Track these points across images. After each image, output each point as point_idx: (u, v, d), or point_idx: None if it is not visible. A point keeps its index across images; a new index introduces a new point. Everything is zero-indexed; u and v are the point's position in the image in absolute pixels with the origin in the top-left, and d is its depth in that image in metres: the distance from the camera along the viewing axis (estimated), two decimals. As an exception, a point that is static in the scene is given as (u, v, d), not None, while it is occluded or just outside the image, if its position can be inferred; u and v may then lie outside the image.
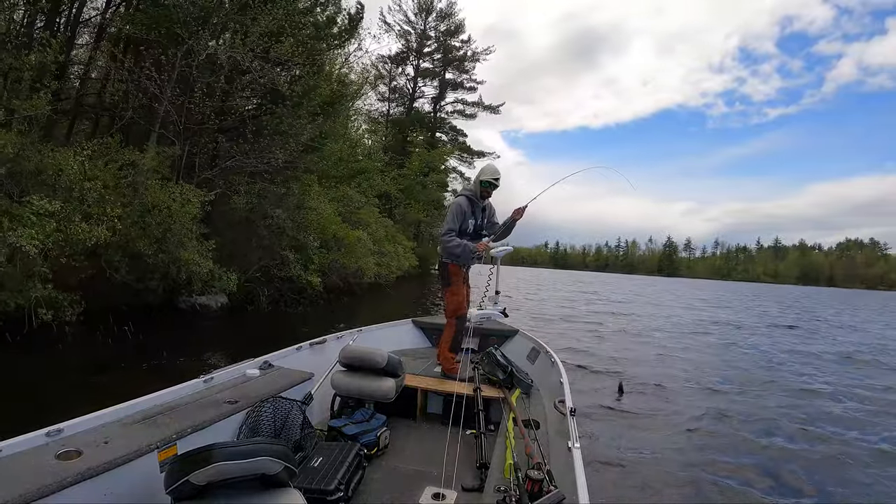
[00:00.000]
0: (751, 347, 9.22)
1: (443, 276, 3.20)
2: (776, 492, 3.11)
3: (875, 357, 8.72)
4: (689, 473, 3.28)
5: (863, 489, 3.19)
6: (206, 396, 2.05)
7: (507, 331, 3.95)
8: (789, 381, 6.30)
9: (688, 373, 6.51)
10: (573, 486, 1.49)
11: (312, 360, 2.83)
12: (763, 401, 5.25)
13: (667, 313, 15.92)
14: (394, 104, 29.95)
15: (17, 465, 1.33)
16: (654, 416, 4.50)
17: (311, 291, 10.10)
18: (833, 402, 5.39)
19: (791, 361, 7.83)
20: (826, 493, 3.12)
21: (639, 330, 11.05)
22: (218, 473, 1.31)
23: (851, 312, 22.81)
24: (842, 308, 26.22)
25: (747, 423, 4.43)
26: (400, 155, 25.08)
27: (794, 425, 4.44)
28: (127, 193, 6.73)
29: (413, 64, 30.25)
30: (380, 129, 21.92)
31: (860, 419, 4.76)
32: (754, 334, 11.52)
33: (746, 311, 19.60)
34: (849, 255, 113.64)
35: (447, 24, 29.94)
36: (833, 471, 3.47)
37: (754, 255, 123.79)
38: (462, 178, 30.72)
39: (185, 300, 8.04)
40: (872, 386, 6.25)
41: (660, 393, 5.32)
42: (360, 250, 12.59)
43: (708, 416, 4.56)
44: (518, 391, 2.74)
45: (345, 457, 1.95)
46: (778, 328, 13.28)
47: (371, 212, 15.98)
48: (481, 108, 31.43)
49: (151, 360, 5.08)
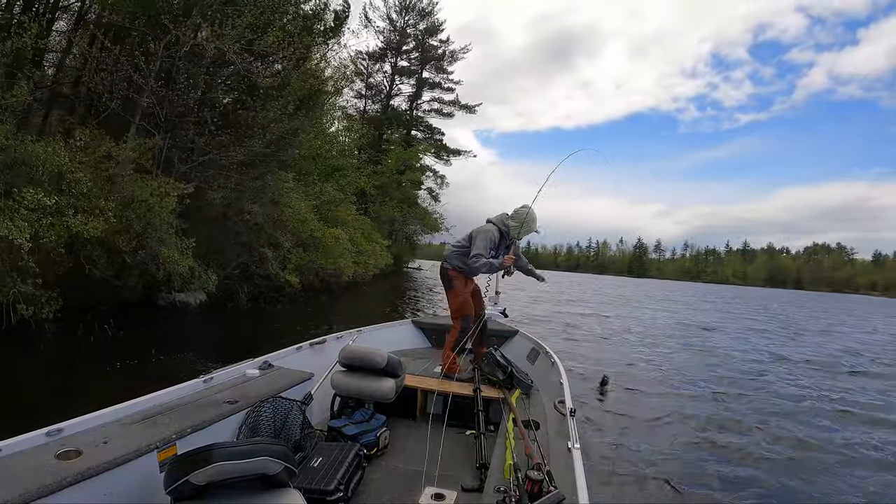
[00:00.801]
0: (745, 350, 9.35)
1: (444, 280, 3.27)
2: (777, 490, 3.14)
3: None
4: (688, 473, 3.32)
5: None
6: (205, 396, 2.03)
7: (507, 331, 3.98)
8: (787, 384, 6.40)
9: (687, 371, 6.63)
10: (573, 486, 1.50)
11: (312, 360, 2.83)
12: (759, 402, 5.33)
13: (660, 313, 16.30)
14: (370, 101, 29.78)
15: (16, 465, 1.32)
16: (653, 415, 4.55)
17: (289, 290, 10.04)
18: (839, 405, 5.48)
19: (784, 365, 8.01)
20: (828, 494, 3.15)
21: (627, 330, 11.21)
22: (218, 473, 1.31)
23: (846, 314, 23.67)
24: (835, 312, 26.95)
25: (747, 423, 4.50)
26: (376, 152, 25.00)
27: (794, 423, 4.52)
28: (106, 186, 6.55)
29: (391, 62, 30.10)
30: (355, 125, 21.64)
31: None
32: (748, 336, 11.77)
33: (732, 314, 20.11)
34: (816, 259, 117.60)
35: (426, 22, 29.87)
36: (837, 472, 3.50)
37: (723, 257, 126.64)
38: (436, 175, 30.86)
39: (165, 297, 7.91)
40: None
41: (659, 393, 5.39)
42: (338, 249, 12.58)
43: (708, 416, 4.64)
44: (518, 391, 2.75)
45: (345, 457, 1.95)
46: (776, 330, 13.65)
47: (348, 209, 15.96)
48: (458, 108, 31.43)
49: (134, 358, 4.95)
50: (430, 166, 30.59)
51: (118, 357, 4.88)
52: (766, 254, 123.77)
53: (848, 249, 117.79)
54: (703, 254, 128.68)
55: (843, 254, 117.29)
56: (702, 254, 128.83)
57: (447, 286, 3.24)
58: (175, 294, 7.92)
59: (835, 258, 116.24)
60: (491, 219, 3.20)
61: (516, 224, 3.11)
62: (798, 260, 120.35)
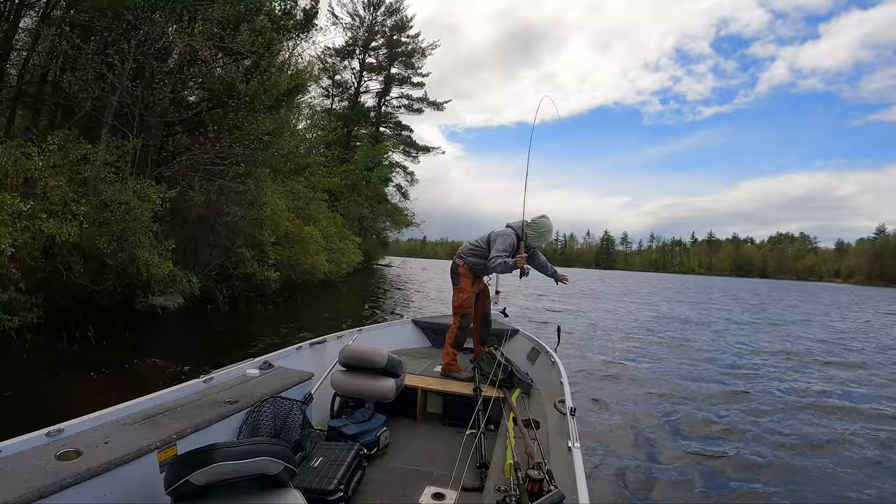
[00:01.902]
0: (744, 344, 9.44)
1: (453, 276, 3.30)
2: (779, 489, 3.16)
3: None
4: (689, 472, 3.33)
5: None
6: (205, 396, 2.01)
7: (507, 331, 4.00)
8: (786, 379, 6.45)
9: (687, 371, 6.66)
10: (573, 485, 1.51)
11: (312, 360, 2.82)
12: (761, 400, 5.33)
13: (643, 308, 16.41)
14: (337, 98, 29.50)
15: (16, 465, 1.31)
16: (653, 415, 4.57)
17: (267, 289, 9.99)
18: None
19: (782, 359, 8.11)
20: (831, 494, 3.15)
21: (613, 326, 11.26)
22: (218, 474, 1.32)
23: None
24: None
25: (747, 421, 4.51)
26: (345, 150, 24.80)
27: (793, 422, 4.53)
28: (80, 190, 6.39)
29: (359, 58, 29.89)
30: (320, 122, 21.55)
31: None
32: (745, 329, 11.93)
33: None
34: (780, 248, 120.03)
35: (395, 19, 29.75)
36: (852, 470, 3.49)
37: (689, 248, 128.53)
38: (405, 172, 30.89)
39: (142, 301, 7.79)
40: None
41: (659, 393, 5.39)
42: (313, 247, 12.56)
43: (708, 415, 4.64)
44: (518, 391, 2.76)
45: (345, 457, 1.94)
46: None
47: (319, 207, 15.90)
48: (427, 104, 31.45)
49: (122, 364, 4.89)
50: (399, 163, 30.73)
51: (104, 364, 4.79)
52: (732, 244, 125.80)
53: (811, 238, 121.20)
54: (670, 245, 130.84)
55: (807, 243, 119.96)
56: (668, 245, 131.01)
57: (454, 282, 3.29)
58: (152, 298, 7.84)
59: (798, 247, 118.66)
60: (511, 224, 3.25)
61: (534, 233, 3.19)
62: (763, 249, 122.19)
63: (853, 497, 3.14)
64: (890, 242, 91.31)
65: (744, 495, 3.09)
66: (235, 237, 9.64)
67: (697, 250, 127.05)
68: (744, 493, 3.12)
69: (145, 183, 7.18)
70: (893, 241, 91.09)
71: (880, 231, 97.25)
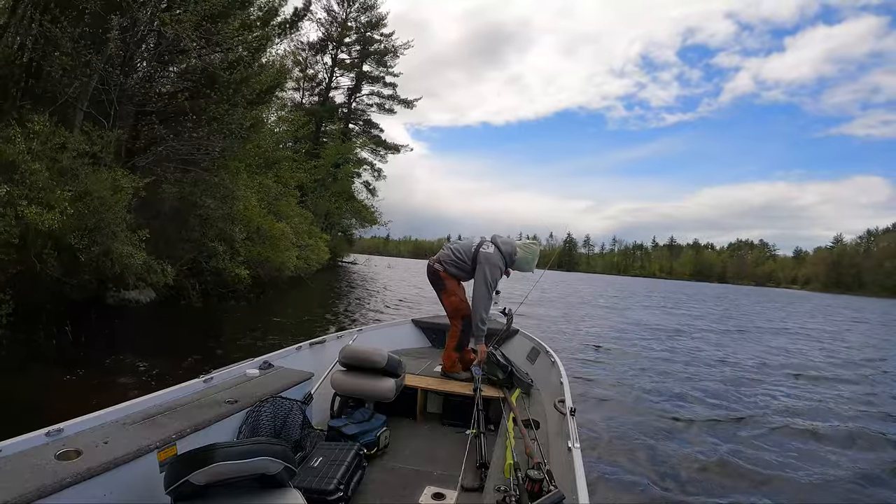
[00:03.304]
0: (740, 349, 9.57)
1: (435, 281, 3.21)
2: (778, 489, 3.19)
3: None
4: (688, 471, 3.36)
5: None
6: (205, 396, 2.00)
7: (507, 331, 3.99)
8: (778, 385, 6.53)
9: (687, 370, 6.79)
10: (573, 485, 1.52)
11: (312, 360, 2.80)
12: (760, 400, 5.43)
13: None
14: (308, 93, 29.16)
15: (16, 465, 1.30)
16: (654, 414, 4.61)
17: (239, 285, 9.93)
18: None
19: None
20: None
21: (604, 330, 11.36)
22: (218, 473, 1.32)
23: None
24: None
25: (748, 421, 4.59)
26: (315, 146, 24.66)
27: (795, 422, 4.61)
28: (59, 179, 6.19)
29: (332, 54, 29.64)
30: (290, 115, 21.31)
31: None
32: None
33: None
34: (739, 254, 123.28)
35: (369, 15, 29.63)
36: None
37: (650, 252, 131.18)
38: (373, 169, 30.78)
39: (114, 295, 7.62)
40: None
41: (659, 393, 5.47)
42: (283, 243, 12.54)
43: (708, 415, 4.71)
44: (518, 391, 2.76)
45: (345, 457, 1.94)
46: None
47: (289, 203, 15.85)
48: (396, 102, 31.39)
49: (103, 361, 4.76)
50: (367, 160, 30.60)
51: (86, 361, 4.68)
52: (693, 249, 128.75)
53: (770, 246, 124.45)
54: (632, 249, 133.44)
55: (766, 250, 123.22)
56: (630, 249, 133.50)
57: (438, 287, 3.19)
58: (125, 292, 7.69)
59: (757, 254, 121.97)
60: (498, 243, 3.09)
61: (523, 260, 3.10)
62: (723, 255, 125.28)
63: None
64: (847, 251, 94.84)
65: (744, 495, 3.13)
66: (208, 230, 9.55)
67: (658, 255, 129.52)
68: (744, 493, 3.15)
69: (119, 172, 7.01)
70: (850, 251, 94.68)
71: (838, 240, 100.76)
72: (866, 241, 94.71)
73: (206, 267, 9.50)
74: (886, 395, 6.25)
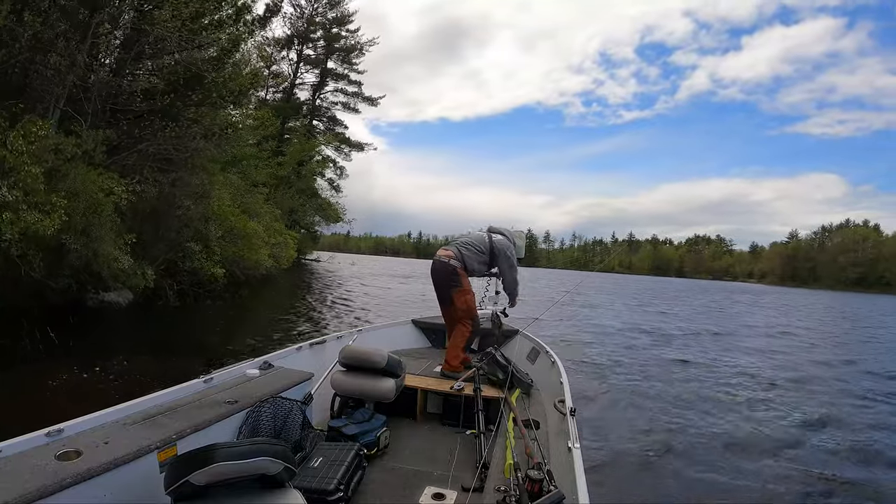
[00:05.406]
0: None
1: (450, 278, 3.17)
2: (778, 489, 3.21)
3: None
4: (689, 471, 3.38)
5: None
6: (205, 396, 1.99)
7: (507, 331, 3.96)
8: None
9: (687, 370, 6.84)
10: (573, 486, 1.52)
11: (312, 360, 2.79)
12: (757, 399, 5.49)
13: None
14: (273, 89, 28.65)
15: (16, 466, 1.30)
16: (654, 415, 4.64)
17: (214, 284, 9.92)
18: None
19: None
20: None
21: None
22: (218, 474, 1.31)
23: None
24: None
25: (747, 419, 4.63)
26: (279, 142, 24.41)
27: (796, 423, 4.65)
28: (50, 182, 6.06)
29: (297, 49, 29.29)
30: (260, 112, 21.26)
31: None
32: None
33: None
34: (697, 249, 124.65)
35: (335, 11, 29.46)
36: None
37: (610, 247, 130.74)
38: (336, 166, 30.57)
39: (93, 297, 7.53)
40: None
41: (658, 393, 5.49)
42: (255, 241, 12.58)
43: (708, 414, 4.75)
44: (518, 391, 2.77)
45: (345, 457, 1.93)
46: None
47: (257, 200, 15.80)
48: (361, 100, 31.31)
49: (94, 363, 4.66)
50: (331, 157, 30.36)
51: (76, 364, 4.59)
52: (651, 244, 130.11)
53: (727, 241, 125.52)
54: (591, 244, 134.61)
55: (723, 245, 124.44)
56: (589, 244, 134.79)
57: (454, 284, 3.14)
58: (103, 294, 7.62)
59: (714, 248, 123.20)
60: (502, 231, 3.34)
61: (520, 245, 3.44)
62: (680, 250, 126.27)
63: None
64: (802, 246, 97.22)
65: (743, 495, 3.15)
66: (184, 230, 9.53)
67: (618, 250, 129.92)
68: (744, 493, 3.17)
69: (109, 175, 6.94)
70: (805, 246, 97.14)
71: (793, 235, 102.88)
72: (821, 237, 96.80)
73: (183, 267, 9.46)
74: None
